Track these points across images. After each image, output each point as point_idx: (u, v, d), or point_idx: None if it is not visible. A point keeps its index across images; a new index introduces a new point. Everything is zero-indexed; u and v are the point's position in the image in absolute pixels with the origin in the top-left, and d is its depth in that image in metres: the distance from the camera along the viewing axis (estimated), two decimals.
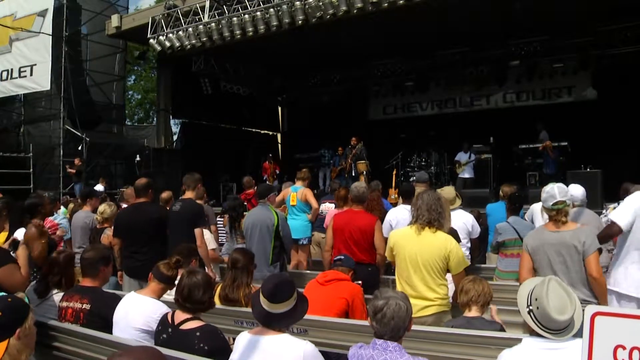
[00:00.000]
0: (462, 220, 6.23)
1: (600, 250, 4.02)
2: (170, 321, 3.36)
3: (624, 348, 1.82)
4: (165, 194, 8.21)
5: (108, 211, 6.62)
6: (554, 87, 16.02)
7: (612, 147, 12.83)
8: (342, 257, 4.70)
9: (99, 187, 13.95)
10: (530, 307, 2.59)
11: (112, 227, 6.29)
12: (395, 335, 2.77)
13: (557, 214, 4.03)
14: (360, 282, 4.67)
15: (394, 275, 4.56)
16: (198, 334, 3.25)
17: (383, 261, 5.62)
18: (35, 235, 4.81)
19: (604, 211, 7.11)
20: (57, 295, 4.23)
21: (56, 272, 4.29)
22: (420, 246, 4.16)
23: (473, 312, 3.78)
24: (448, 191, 6.46)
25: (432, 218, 4.18)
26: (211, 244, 6.65)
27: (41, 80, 16.14)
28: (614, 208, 7.05)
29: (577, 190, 5.83)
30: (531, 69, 15.94)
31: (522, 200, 6.99)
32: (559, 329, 2.49)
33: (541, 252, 4.04)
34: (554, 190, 4.04)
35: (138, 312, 3.68)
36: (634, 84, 13.45)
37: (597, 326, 1.87)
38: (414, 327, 2.99)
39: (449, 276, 4.28)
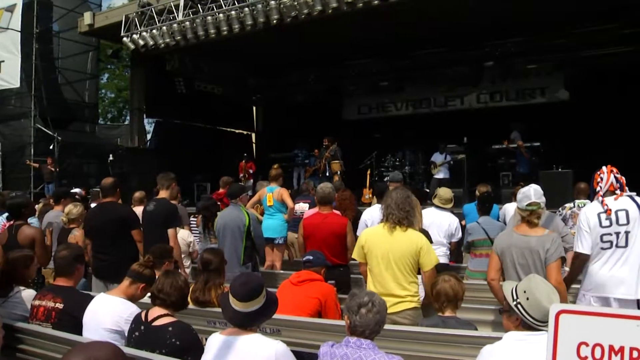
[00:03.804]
0: (448, 221, 6.34)
1: (563, 259, 4.09)
2: (143, 318, 3.37)
3: (587, 345, 1.86)
4: (138, 194, 8.14)
5: (74, 211, 6.50)
6: (527, 87, 16.15)
7: (583, 147, 13.01)
8: (311, 257, 4.67)
9: (78, 191, 13.77)
10: (518, 300, 2.65)
11: (81, 227, 6.20)
12: (376, 330, 2.82)
13: (530, 214, 4.07)
14: (333, 282, 4.68)
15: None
16: (170, 329, 3.27)
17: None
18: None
19: (559, 209, 7.22)
20: (25, 292, 4.22)
21: (21, 267, 4.34)
22: (391, 244, 4.20)
23: (447, 312, 3.80)
24: (445, 191, 6.55)
25: (401, 216, 4.22)
26: (195, 245, 6.74)
27: (10, 78, 15.91)
28: (570, 209, 7.15)
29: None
30: (505, 69, 16.02)
31: (492, 200, 7.08)
32: (547, 320, 2.53)
33: (507, 254, 4.09)
34: (530, 192, 4.07)
35: (107, 312, 3.66)
36: (605, 85, 13.69)
37: (561, 324, 1.90)
38: (387, 326, 3.02)
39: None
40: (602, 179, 4.37)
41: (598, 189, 4.39)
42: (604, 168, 4.40)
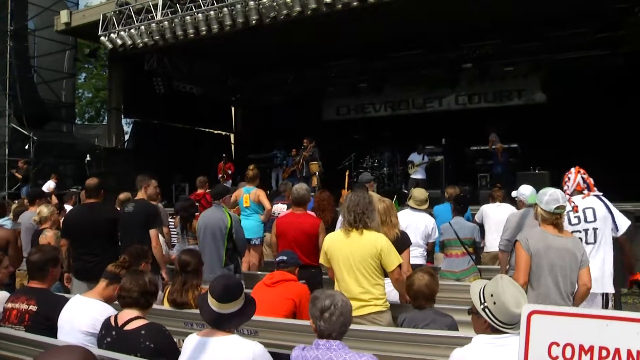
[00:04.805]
0: (424, 222, 6.36)
1: None
2: (113, 323, 3.30)
3: (557, 345, 1.88)
4: (122, 195, 8.02)
5: (45, 211, 6.37)
6: (504, 90, 16.26)
7: (559, 149, 13.16)
8: (285, 257, 4.66)
9: (50, 184, 13.63)
10: (485, 304, 2.63)
11: (52, 228, 6.11)
12: (342, 332, 2.82)
13: (559, 217, 4.03)
14: (304, 280, 4.69)
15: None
16: (143, 332, 3.20)
17: None
18: None
19: None
20: None
21: None
22: (350, 247, 4.19)
23: (426, 306, 3.90)
24: (419, 192, 6.57)
25: (355, 219, 4.21)
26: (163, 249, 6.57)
27: None
28: None
29: (527, 190, 6.04)
30: (483, 71, 16.14)
31: (466, 201, 7.15)
32: (514, 323, 2.54)
33: (544, 255, 3.95)
34: (557, 194, 4.00)
35: (83, 314, 3.59)
36: (581, 88, 13.86)
37: (533, 324, 1.92)
38: (357, 327, 3.03)
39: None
40: (569, 178, 4.54)
41: (565, 188, 4.49)
42: (572, 169, 4.59)
